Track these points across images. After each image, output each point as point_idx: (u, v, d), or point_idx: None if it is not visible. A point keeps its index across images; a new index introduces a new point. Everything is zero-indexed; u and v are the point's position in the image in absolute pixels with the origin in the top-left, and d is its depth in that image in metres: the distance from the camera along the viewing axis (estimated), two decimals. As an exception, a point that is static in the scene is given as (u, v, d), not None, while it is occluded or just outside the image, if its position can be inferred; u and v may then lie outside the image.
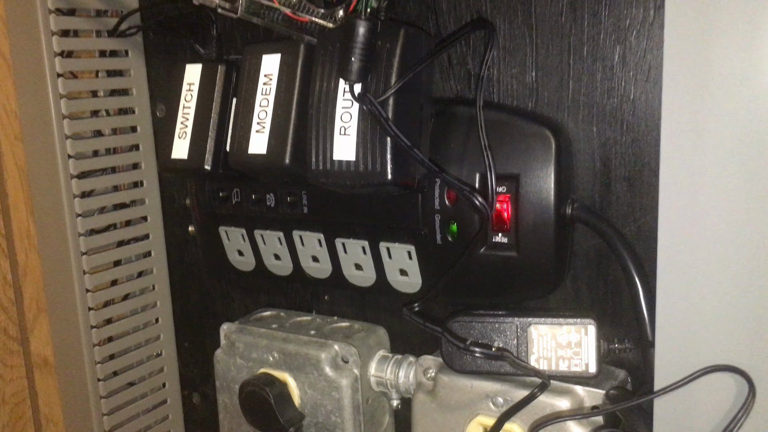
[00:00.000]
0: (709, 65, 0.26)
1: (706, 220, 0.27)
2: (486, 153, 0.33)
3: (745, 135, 0.26)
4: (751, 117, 0.26)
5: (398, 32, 0.34)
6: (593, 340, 0.35)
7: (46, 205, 0.48)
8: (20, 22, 0.46)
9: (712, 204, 0.27)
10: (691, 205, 0.27)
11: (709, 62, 0.26)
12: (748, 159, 0.26)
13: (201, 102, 0.42)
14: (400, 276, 0.41)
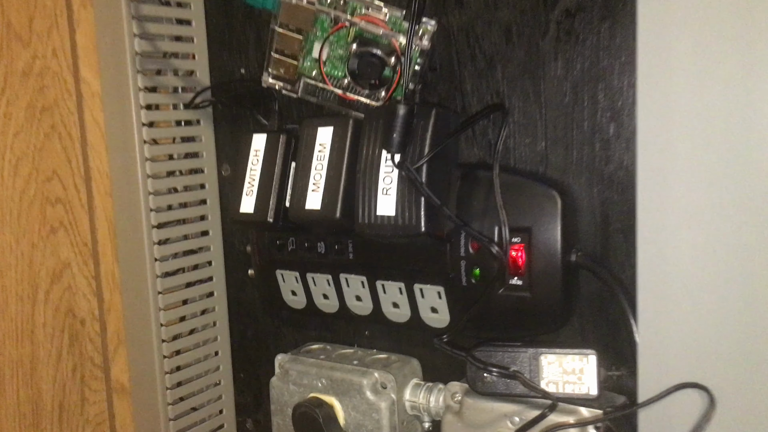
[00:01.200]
0: (671, 134, 0.33)
1: (677, 267, 0.34)
2: (501, 211, 0.41)
3: (710, 189, 0.33)
4: (711, 175, 0.33)
5: (430, 112, 0.43)
6: (594, 367, 0.41)
7: (129, 251, 0.57)
8: (114, 96, 0.56)
9: (681, 254, 0.33)
10: (663, 255, 0.34)
11: (671, 131, 0.33)
12: (714, 209, 0.33)
13: (265, 166, 0.50)
14: (431, 313, 0.49)
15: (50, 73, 0.53)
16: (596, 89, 0.43)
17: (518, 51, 0.45)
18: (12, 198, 0.51)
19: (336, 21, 0.46)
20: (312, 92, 0.49)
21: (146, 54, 0.54)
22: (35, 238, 0.53)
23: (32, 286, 0.53)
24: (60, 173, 0.54)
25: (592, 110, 0.43)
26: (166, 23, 0.57)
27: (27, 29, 0.52)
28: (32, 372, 0.53)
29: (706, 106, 0.32)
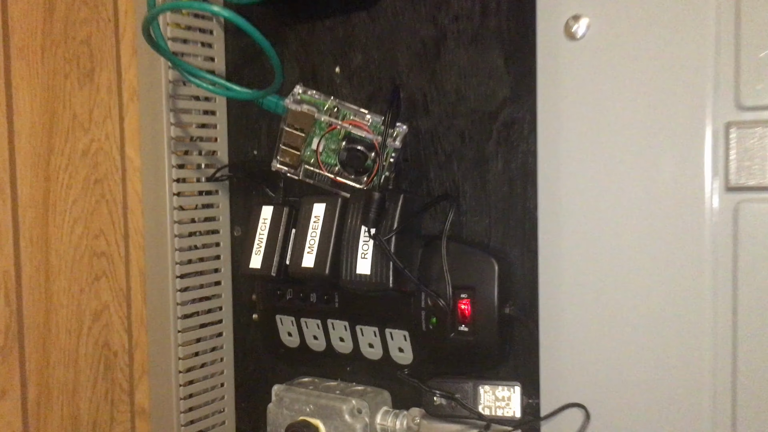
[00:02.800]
0: (562, 223, 0.47)
1: (565, 320, 0.46)
2: (446, 274, 0.54)
3: (590, 265, 0.46)
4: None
5: (399, 197, 0.56)
6: (518, 395, 0.53)
7: (156, 296, 0.69)
8: (151, 171, 0.69)
9: (568, 314, 0.46)
10: (557, 311, 0.47)
11: (562, 223, 0.47)
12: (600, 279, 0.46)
13: (271, 231, 0.63)
14: (399, 352, 0.61)
15: (102, 152, 0.67)
16: (526, 183, 0.57)
17: (470, 150, 0.59)
18: (67, 251, 0.64)
19: (330, 124, 0.60)
20: (310, 176, 0.62)
21: (178, 138, 0.68)
22: (83, 283, 0.66)
23: (78, 323, 0.65)
24: (105, 232, 0.68)
25: (523, 198, 0.57)
26: (195, 114, 0.71)
27: (88, 119, 0.66)
28: (74, 393, 0.65)
29: (589, 204, 0.46)
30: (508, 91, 0.57)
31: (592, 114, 0.44)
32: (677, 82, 0.41)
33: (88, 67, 0.65)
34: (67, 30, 0.63)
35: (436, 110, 0.61)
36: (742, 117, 0.39)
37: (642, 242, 0.43)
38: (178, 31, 0.67)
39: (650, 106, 0.42)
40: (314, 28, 0.67)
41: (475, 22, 0.58)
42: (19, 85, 0.60)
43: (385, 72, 0.63)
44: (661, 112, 0.41)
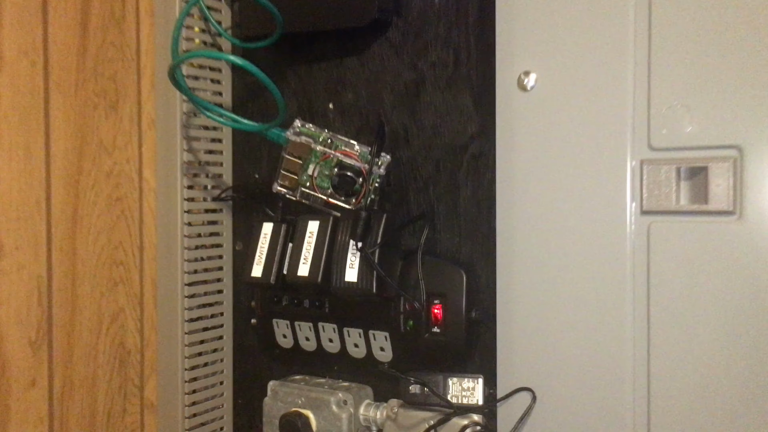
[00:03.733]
0: (517, 242, 0.57)
1: (517, 317, 0.56)
2: (421, 282, 0.64)
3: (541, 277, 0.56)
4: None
5: (382, 217, 0.66)
6: (481, 386, 0.63)
7: (165, 302, 0.78)
8: (164, 191, 0.78)
9: (521, 313, 0.56)
10: (511, 313, 0.56)
11: (517, 241, 0.57)
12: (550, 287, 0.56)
13: (271, 245, 0.73)
14: (380, 351, 0.70)
15: (123, 174, 0.76)
16: (490, 206, 0.67)
17: (443, 178, 0.69)
18: (91, 260, 0.73)
19: (324, 153, 0.70)
20: (306, 197, 0.72)
21: (189, 162, 0.78)
22: (103, 289, 0.75)
23: (99, 323, 0.74)
24: (123, 244, 0.77)
25: (488, 219, 0.67)
26: (204, 141, 0.80)
27: (112, 145, 0.75)
28: (93, 386, 0.73)
29: (537, 224, 0.56)
30: (476, 128, 0.68)
31: (540, 151, 0.54)
32: (604, 128, 0.51)
33: (113, 99, 0.75)
34: (97, 68, 0.73)
35: (415, 143, 0.71)
36: (652, 156, 0.49)
37: (578, 255, 0.53)
38: (192, 69, 0.77)
39: (584, 146, 0.52)
40: (311, 69, 0.77)
41: (449, 69, 0.69)
42: (56, 115, 0.69)
43: (372, 109, 0.73)
44: (592, 151, 0.52)
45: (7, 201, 0.65)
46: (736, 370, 0.46)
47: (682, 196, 0.49)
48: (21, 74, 0.66)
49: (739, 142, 0.46)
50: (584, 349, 0.52)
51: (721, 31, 0.47)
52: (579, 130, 0.52)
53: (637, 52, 0.49)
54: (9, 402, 0.66)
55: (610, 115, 0.51)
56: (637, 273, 0.50)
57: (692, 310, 0.48)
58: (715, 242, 0.47)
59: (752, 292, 0.46)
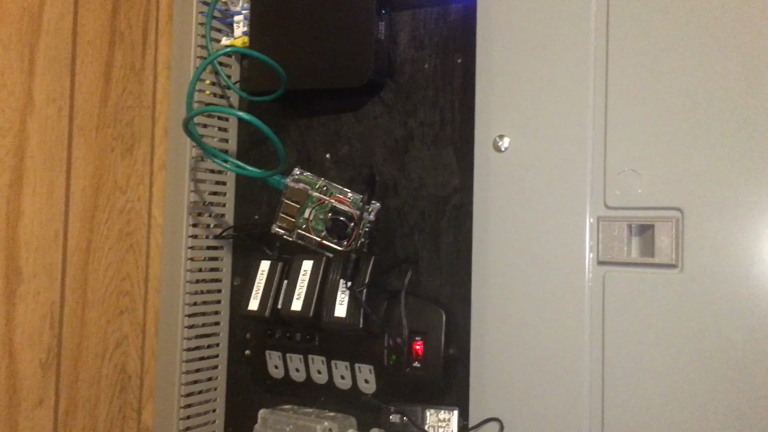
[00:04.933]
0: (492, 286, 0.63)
1: (488, 359, 0.62)
2: (403, 320, 0.70)
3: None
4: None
5: (371, 258, 0.73)
6: (455, 418, 0.69)
7: (166, 332, 0.84)
8: (171, 228, 0.85)
9: (490, 352, 0.62)
10: (483, 355, 0.63)
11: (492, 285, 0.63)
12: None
13: (267, 281, 0.79)
14: (365, 383, 0.76)
15: (134, 211, 0.83)
16: (470, 252, 0.74)
17: (427, 225, 0.76)
18: (101, 289, 0.79)
19: (320, 199, 0.77)
20: (302, 238, 0.79)
21: (195, 203, 0.85)
22: (110, 316, 0.80)
23: (104, 349, 0.80)
24: (131, 275, 0.83)
25: (467, 264, 0.74)
26: (209, 184, 0.87)
27: (126, 184, 0.82)
28: (95, 407, 0.79)
29: (507, 270, 0.62)
30: (458, 182, 0.75)
31: (511, 206, 0.61)
32: (567, 187, 0.58)
33: (129, 143, 0.82)
34: (117, 114, 0.80)
35: (403, 193, 0.78)
36: (607, 213, 0.56)
37: (542, 299, 0.59)
38: (202, 118, 0.84)
39: (549, 203, 0.59)
40: (311, 123, 0.85)
41: (435, 128, 0.77)
42: (77, 156, 0.76)
43: (365, 161, 0.81)
44: (556, 207, 0.59)
45: (29, 232, 0.71)
46: (679, 402, 0.53)
47: (633, 249, 0.55)
48: (49, 118, 0.73)
49: (680, 205, 0.53)
50: (546, 383, 0.59)
51: (668, 107, 0.54)
52: (546, 189, 0.59)
53: (595, 122, 0.57)
54: (18, 419, 0.71)
55: (572, 177, 0.58)
56: (594, 315, 0.57)
57: (641, 348, 0.54)
58: (660, 291, 0.53)
59: (692, 335, 0.52)
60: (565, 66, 0.58)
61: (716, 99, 0.52)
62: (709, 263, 0.52)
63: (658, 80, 0.54)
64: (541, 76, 0.59)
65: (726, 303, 0.51)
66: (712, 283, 0.52)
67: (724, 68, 0.52)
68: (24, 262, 0.71)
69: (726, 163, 0.52)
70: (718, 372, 0.51)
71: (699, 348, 0.52)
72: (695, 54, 0.53)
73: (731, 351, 0.51)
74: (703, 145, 0.53)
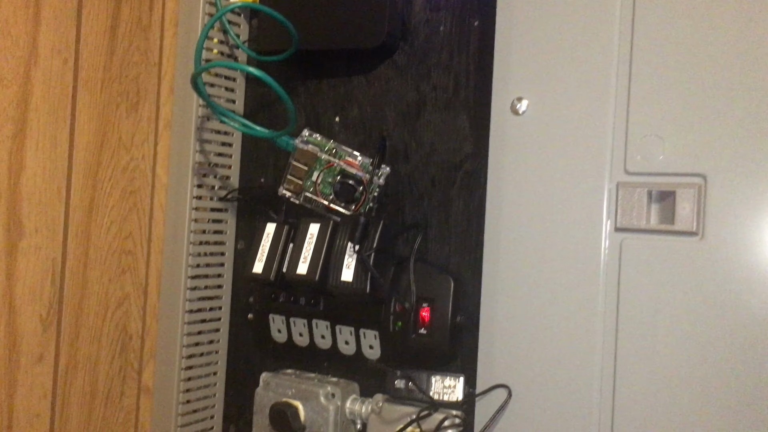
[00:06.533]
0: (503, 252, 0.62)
1: (497, 326, 0.61)
2: (412, 285, 0.69)
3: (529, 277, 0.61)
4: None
5: (379, 223, 0.71)
6: (461, 384, 0.68)
7: (168, 293, 0.83)
8: (175, 188, 0.83)
9: (499, 320, 0.61)
10: (493, 321, 0.62)
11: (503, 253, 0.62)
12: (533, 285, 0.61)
13: (273, 244, 0.78)
14: (369, 349, 0.75)
15: (138, 170, 0.81)
16: (480, 220, 0.72)
17: (438, 192, 0.75)
18: (103, 248, 0.78)
19: (329, 161, 0.76)
20: (309, 201, 0.77)
21: (200, 163, 0.83)
22: (112, 275, 0.79)
23: (105, 308, 0.78)
24: (133, 235, 0.81)
25: (477, 232, 0.73)
26: (214, 144, 0.85)
27: (130, 142, 0.80)
28: (95, 366, 0.78)
29: (522, 238, 0.61)
30: (470, 148, 0.74)
31: (527, 170, 0.60)
32: (586, 152, 0.57)
33: (134, 100, 0.80)
34: (122, 69, 0.78)
35: (413, 158, 0.77)
36: (627, 179, 0.55)
37: (556, 266, 0.58)
38: (209, 77, 0.83)
39: (567, 168, 0.58)
40: (321, 84, 0.83)
41: (449, 92, 0.75)
42: (82, 110, 0.75)
43: (376, 125, 0.79)
44: (574, 173, 0.57)
45: (31, 186, 0.70)
46: (695, 375, 0.52)
47: (652, 216, 0.54)
48: (53, 70, 0.72)
49: (704, 171, 0.52)
50: (557, 352, 0.58)
51: (694, 72, 0.53)
52: (564, 153, 0.58)
53: (618, 85, 0.55)
54: (17, 375, 0.70)
55: (592, 141, 0.56)
56: (609, 283, 0.56)
57: (656, 318, 0.53)
58: (679, 259, 0.52)
59: (710, 305, 0.51)
60: (589, 26, 0.56)
61: (745, 62, 0.51)
62: (731, 232, 0.51)
63: (685, 42, 0.53)
64: (563, 36, 0.58)
65: (748, 273, 0.50)
66: (734, 252, 0.50)
67: (754, 30, 0.50)
68: (26, 216, 0.70)
69: (752, 129, 0.50)
70: (737, 344, 0.50)
71: (718, 319, 0.51)
72: (724, 15, 0.52)
73: (752, 323, 0.50)
74: (730, 110, 0.51)
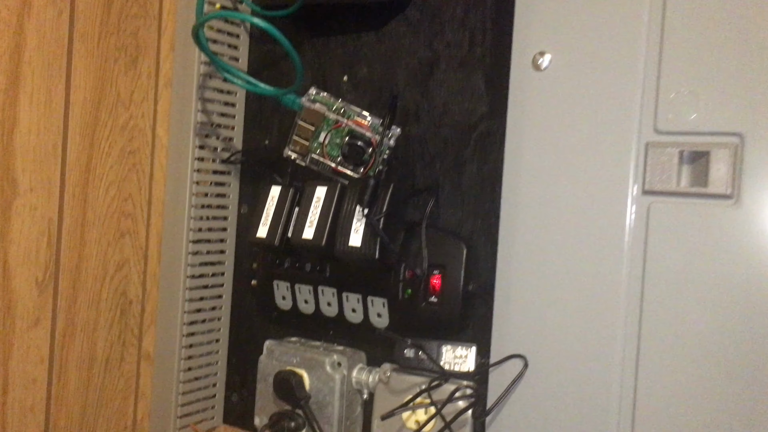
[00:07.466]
0: (519, 217, 0.59)
1: (512, 293, 0.58)
2: (424, 251, 0.66)
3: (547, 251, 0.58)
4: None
5: (390, 185, 0.68)
6: (473, 354, 0.65)
7: (169, 257, 0.80)
8: (176, 149, 0.80)
9: (515, 289, 0.58)
10: (508, 292, 0.59)
11: (520, 217, 0.59)
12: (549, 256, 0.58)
13: (278, 207, 0.75)
14: (377, 318, 0.72)
15: (138, 128, 0.78)
16: (494, 184, 0.69)
17: (450, 155, 0.72)
18: (101, 209, 0.75)
19: (337, 121, 0.72)
20: (315, 163, 0.74)
21: (202, 123, 0.80)
22: (110, 238, 0.76)
23: (104, 271, 0.76)
24: (133, 196, 0.78)
25: (491, 197, 0.69)
26: (217, 104, 0.82)
27: (129, 99, 0.77)
28: (93, 331, 0.75)
29: (542, 202, 0.58)
30: (486, 108, 0.70)
31: (549, 129, 0.57)
32: (613, 110, 0.53)
33: (133, 55, 0.76)
34: (120, 23, 0.75)
35: (425, 119, 0.73)
36: (657, 138, 0.52)
37: (578, 230, 0.55)
38: (211, 33, 0.79)
39: (593, 127, 0.54)
40: (328, 41, 0.79)
41: (463, 50, 0.71)
42: (78, 64, 0.71)
43: (386, 84, 0.75)
44: (600, 132, 0.54)
45: (25, 142, 0.67)
46: (726, 350, 0.49)
47: (683, 178, 0.51)
48: (48, 21, 0.68)
49: (741, 130, 0.49)
50: (577, 321, 0.55)
51: (731, 24, 0.49)
52: (589, 111, 0.54)
53: (650, 38, 0.52)
54: (12, 339, 0.67)
55: (620, 98, 0.53)
56: (635, 251, 0.53)
57: (685, 287, 0.50)
58: (711, 224, 0.49)
59: (744, 274, 0.48)
60: (619, -26, 0.53)
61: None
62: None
63: (724, -9, 0.49)
64: (591, -15, 0.54)
65: (785, 238, 0.47)
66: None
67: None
68: (20, 173, 0.66)
69: (796, 85, 0.47)
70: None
71: (753, 290, 0.48)
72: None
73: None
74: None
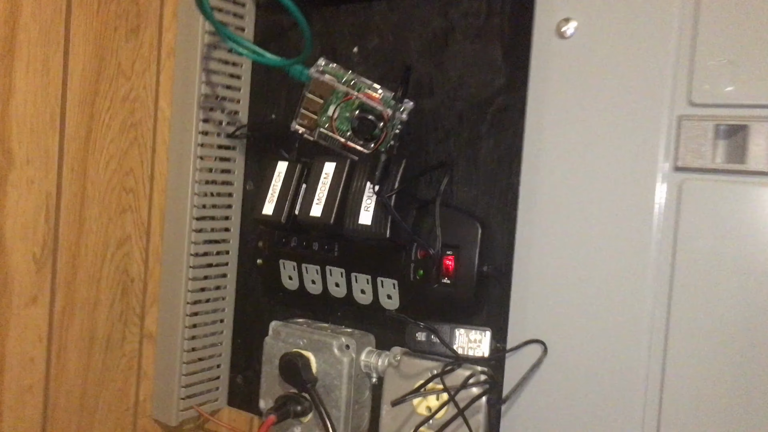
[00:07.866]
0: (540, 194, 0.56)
1: (532, 281, 0.55)
2: (438, 230, 0.63)
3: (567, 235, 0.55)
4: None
5: (402, 161, 0.65)
6: (488, 339, 0.62)
7: (172, 234, 0.77)
8: (179, 122, 0.77)
9: (534, 273, 0.55)
10: (527, 276, 0.56)
11: (541, 195, 0.56)
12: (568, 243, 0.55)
13: (284, 183, 0.72)
14: (387, 299, 0.70)
15: (139, 100, 0.75)
16: (511, 161, 0.66)
17: (465, 130, 0.68)
18: (101, 184, 0.72)
19: (347, 94, 0.69)
20: (324, 138, 0.71)
21: (206, 95, 0.76)
22: (111, 214, 0.73)
23: (104, 248, 0.73)
24: (134, 171, 0.75)
25: (507, 174, 0.66)
26: (222, 76, 0.79)
27: (130, 69, 0.73)
28: (94, 310, 0.73)
29: (564, 181, 0.55)
30: (504, 81, 0.66)
31: (573, 101, 0.53)
32: (644, 80, 0.50)
33: (134, 23, 0.73)
34: (121, -12, 0.71)
35: (439, 93, 0.70)
36: (692, 111, 0.48)
37: (604, 211, 0.52)
38: (215, 1, 0.75)
39: (620, 99, 0.51)
40: (338, 11, 0.76)
41: (480, 19, 0.68)
42: (76, 32, 0.68)
43: (398, 56, 0.72)
44: (628, 104, 0.51)
45: (21, 112, 0.64)
46: (759, 337, 0.46)
47: (718, 154, 0.48)
48: (44, -15, 0.65)
49: (782, 103, 0.45)
50: (601, 306, 0.52)
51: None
52: (617, 82, 0.51)
53: (685, 2, 0.48)
54: (9, 317, 0.65)
55: (652, 68, 0.49)
56: (665, 231, 0.49)
57: (718, 271, 0.47)
58: (749, 203, 0.46)
59: (780, 257, 0.45)
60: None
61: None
62: (813, 172, 0.44)
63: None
64: (622, -55, 0.50)
65: (830, 218, 0.44)
66: (816, 194, 0.44)
67: None
68: (16, 144, 0.64)
69: None
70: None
71: (787, 270, 0.45)
72: None
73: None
74: (817, 33, 0.44)
